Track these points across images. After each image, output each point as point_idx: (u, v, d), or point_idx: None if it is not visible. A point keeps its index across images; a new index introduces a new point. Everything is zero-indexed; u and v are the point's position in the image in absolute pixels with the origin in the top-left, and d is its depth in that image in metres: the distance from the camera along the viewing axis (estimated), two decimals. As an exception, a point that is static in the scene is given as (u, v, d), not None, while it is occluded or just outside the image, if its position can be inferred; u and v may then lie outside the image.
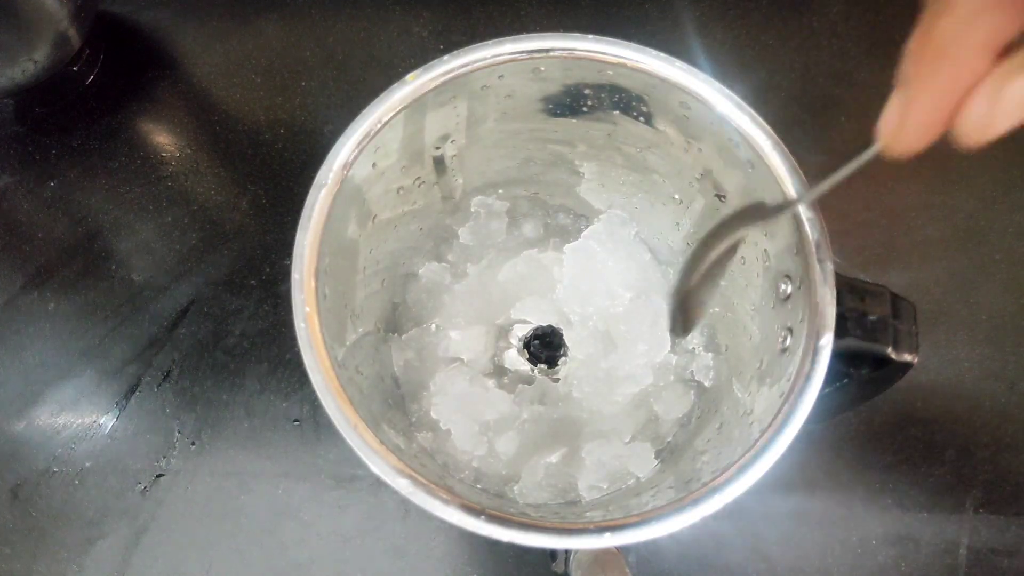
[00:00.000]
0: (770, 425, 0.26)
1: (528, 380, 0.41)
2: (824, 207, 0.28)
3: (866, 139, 0.18)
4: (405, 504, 0.44)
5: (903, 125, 0.14)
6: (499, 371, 0.42)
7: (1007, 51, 0.13)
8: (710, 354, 0.39)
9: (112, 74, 0.57)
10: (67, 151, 0.54)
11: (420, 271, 0.42)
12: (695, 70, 0.30)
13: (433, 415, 0.39)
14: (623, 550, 0.43)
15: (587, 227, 0.42)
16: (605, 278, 0.41)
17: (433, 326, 0.42)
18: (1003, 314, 0.49)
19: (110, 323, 0.49)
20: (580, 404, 0.40)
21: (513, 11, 0.60)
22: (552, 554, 0.43)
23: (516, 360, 0.42)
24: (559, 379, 0.41)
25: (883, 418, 0.47)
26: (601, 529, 0.25)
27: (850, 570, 0.44)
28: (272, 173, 0.54)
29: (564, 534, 0.25)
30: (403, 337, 0.41)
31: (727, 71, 0.50)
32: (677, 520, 0.25)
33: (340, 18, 0.59)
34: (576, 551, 0.41)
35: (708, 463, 0.31)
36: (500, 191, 0.42)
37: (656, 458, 0.37)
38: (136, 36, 0.59)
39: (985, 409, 0.47)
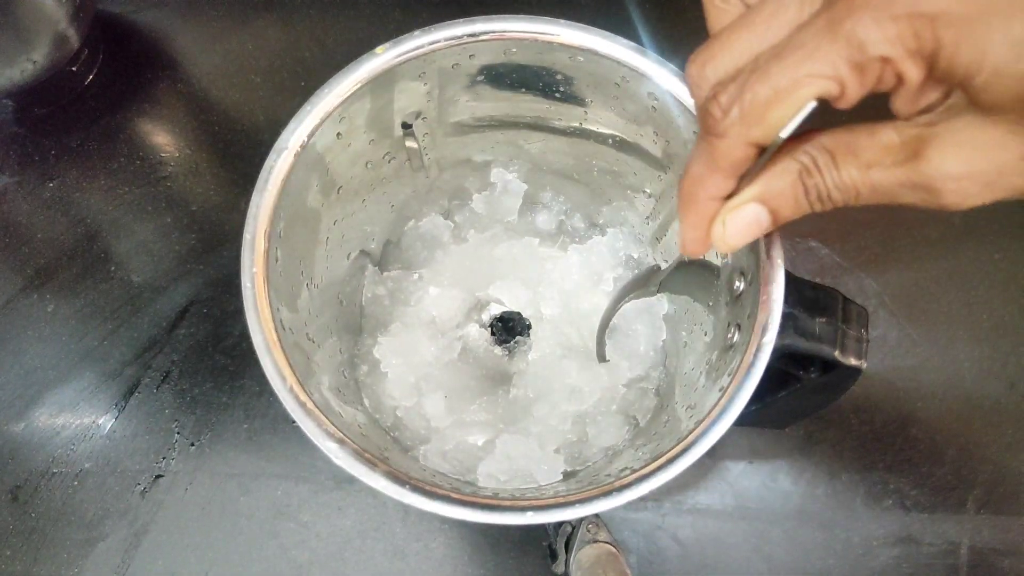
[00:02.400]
0: (704, 418, 0.26)
1: (482, 358, 0.42)
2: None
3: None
4: (405, 505, 0.44)
5: (681, 242, 0.22)
6: (458, 340, 0.42)
7: (730, 196, 0.20)
8: (656, 398, 0.39)
9: (111, 74, 0.57)
10: (66, 152, 0.54)
11: (423, 220, 0.42)
12: (661, 60, 0.30)
13: (376, 354, 0.39)
14: (624, 550, 0.43)
15: (596, 236, 0.42)
16: (591, 288, 0.41)
17: (417, 275, 0.42)
18: (1003, 314, 0.49)
19: (109, 324, 0.49)
20: (520, 398, 0.40)
21: (512, 11, 0.59)
22: (552, 555, 0.43)
23: (477, 335, 0.42)
24: (514, 372, 0.42)
25: (884, 418, 0.47)
26: (525, 508, 0.25)
27: (851, 571, 0.44)
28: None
29: (485, 510, 0.25)
30: (383, 274, 0.41)
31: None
32: (572, 511, 0.25)
33: (340, 19, 0.59)
34: (576, 553, 0.41)
35: (639, 457, 0.31)
36: (478, 172, 0.42)
37: (562, 476, 0.37)
38: (135, 36, 0.58)
39: (985, 409, 0.47)
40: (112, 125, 0.55)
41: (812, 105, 0.17)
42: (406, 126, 0.35)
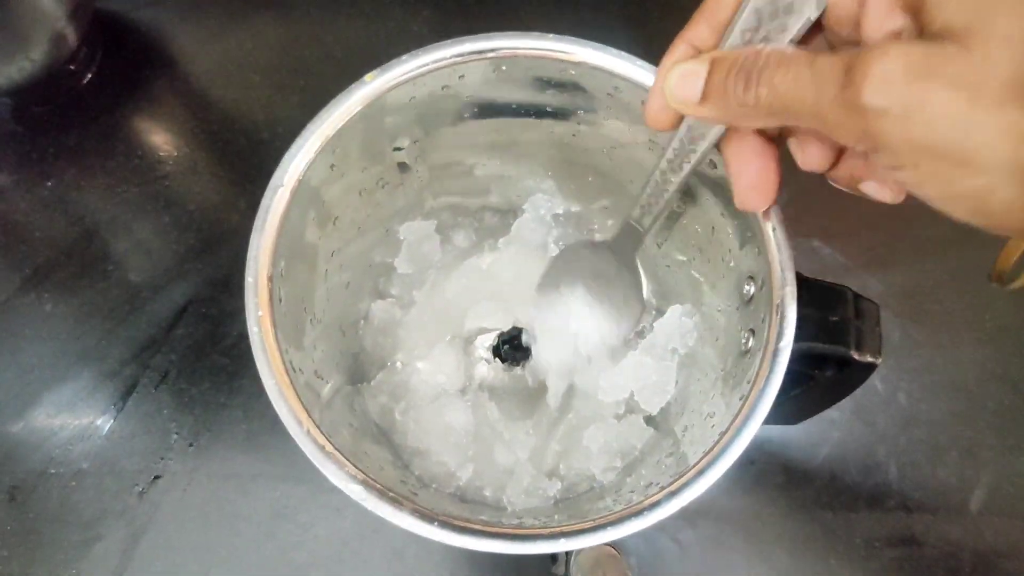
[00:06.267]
0: (728, 428, 0.25)
1: (509, 387, 0.41)
2: (825, 207, 0.27)
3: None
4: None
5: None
6: (480, 388, 0.41)
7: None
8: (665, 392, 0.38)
9: (109, 73, 0.57)
10: (64, 150, 0.54)
11: (369, 314, 0.41)
12: (652, 68, 0.29)
13: (435, 463, 0.38)
14: (624, 552, 0.43)
15: (515, 220, 0.41)
16: (543, 262, 0.40)
17: (398, 364, 0.41)
18: (1006, 315, 0.49)
19: (107, 324, 0.49)
20: (559, 399, 0.39)
21: (512, 9, 0.59)
22: (552, 557, 0.43)
23: (490, 371, 0.41)
24: (534, 383, 0.41)
25: (886, 420, 0.47)
26: (557, 535, 0.25)
27: (853, 572, 0.44)
28: (270, 173, 0.53)
29: (516, 540, 0.25)
30: (372, 383, 0.40)
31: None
32: (623, 527, 0.25)
33: (339, 17, 0.58)
34: (577, 555, 0.41)
35: (666, 469, 0.31)
36: (459, 197, 0.42)
37: (619, 465, 0.37)
38: (134, 35, 0.58)
39: (988, 410, 0.47)
40: (110, 123, 0.55)
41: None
42: (398, 150, 0.35)
